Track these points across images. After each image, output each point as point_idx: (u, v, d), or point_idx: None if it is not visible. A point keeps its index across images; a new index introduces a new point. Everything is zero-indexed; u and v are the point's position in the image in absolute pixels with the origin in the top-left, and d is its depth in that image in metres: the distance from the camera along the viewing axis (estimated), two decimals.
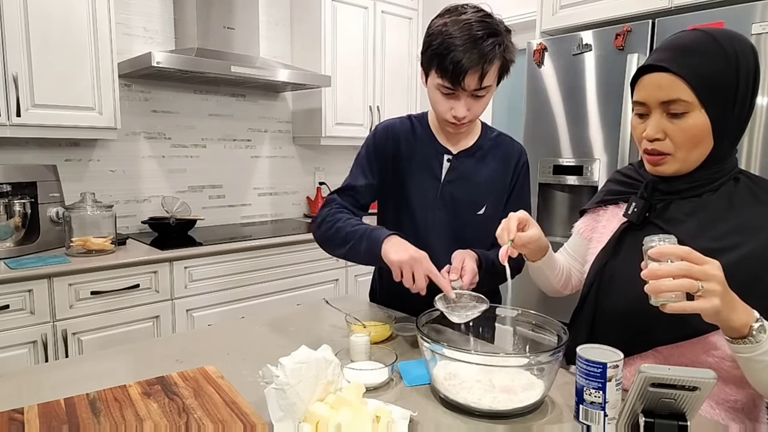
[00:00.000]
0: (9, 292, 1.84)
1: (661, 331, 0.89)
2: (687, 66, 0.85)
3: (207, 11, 2.52)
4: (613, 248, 1.00)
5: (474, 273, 1.14)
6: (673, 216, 0.93)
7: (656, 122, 0.89)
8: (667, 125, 0.88)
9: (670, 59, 0.86)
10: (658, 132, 0.89)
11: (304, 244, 2.61)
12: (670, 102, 0.86)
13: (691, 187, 0.93)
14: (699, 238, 0.88)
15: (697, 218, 0.91)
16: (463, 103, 1.18)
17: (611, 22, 2.14)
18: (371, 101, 3.22)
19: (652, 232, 0.94)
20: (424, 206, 1.32)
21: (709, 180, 0.92)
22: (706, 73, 0.84)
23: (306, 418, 0.79)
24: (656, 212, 0.95)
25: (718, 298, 0.72)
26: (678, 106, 0.86)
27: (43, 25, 2.03)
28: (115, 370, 1.05)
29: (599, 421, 0.80)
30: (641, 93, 0.91)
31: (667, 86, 0.86)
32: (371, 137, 1.35)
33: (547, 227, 2.35)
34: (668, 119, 0.88)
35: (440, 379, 0.91)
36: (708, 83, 0.84)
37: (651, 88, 0.88)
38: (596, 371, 0.79)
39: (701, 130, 0.87)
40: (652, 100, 0.89)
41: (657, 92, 0.87)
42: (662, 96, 0.87)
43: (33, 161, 2.32)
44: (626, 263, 0.96)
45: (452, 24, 1.13)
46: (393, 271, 1.08)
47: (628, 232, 0.99)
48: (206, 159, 2.90)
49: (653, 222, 0.95)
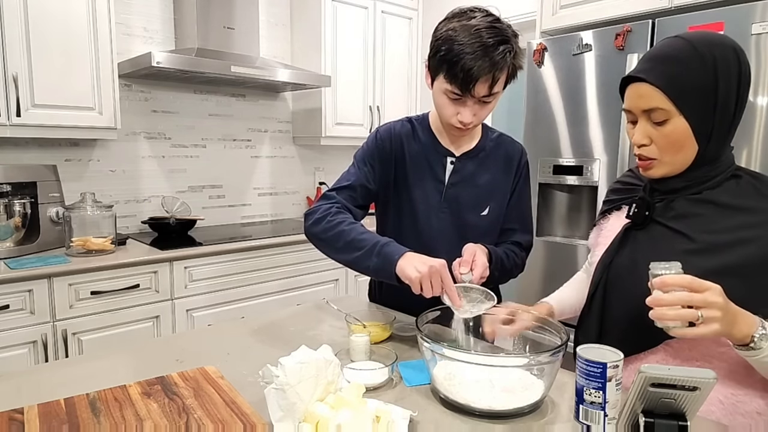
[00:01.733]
0: (9, 292, 1.84)
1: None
2: (662, 75, 0.88)
3: (207, 11, 2.53)
4: (617, 247, 1.01)
5: (485, 267, 1.14)
6: (677, 213, 0.95)
7: (642, 129, 0.93)
8: (652, 131, 0.92)
9: (647, 70, 0.90)
10: (644, 138, 0.93)
11: (304, 244, 2.61)
12: (651, 110, 0.90)
13: (686, 186, 0.95)
14: (706, 233, 0.90)
15: (702, 214, 0.93)
16: (470, 108, 1.18)
17: (611, 22, 2.14)
18: (371, 101, 3.22)
19: (655, 230, 0.96)
20: (428, 209, 1.31)
21: (704, 178, 0.94)
22: (682, 81, 0.87)
23: (306, 418, 0.79)
24: (658, 211, 0.97)
25: (717, 323, 0.77)
26: (658, 114, 0.90)
27: (43, 25, 2.03)
28: (115, 370, 1.05)
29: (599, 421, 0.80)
30: (627, 102, 0.95)
31: (647, 96, 0.90)
32: (373, 140, 1.34)
33: (547, 227, 2.35)
34: (652, 126, 0.92)
35: (440, 379, 0.91)
36: (683, 90, 0.87)
37: (633, 97, 0.93)
38: (596, 371, 0.79)
39: (681, 135, 0.90)
40: (635, 108, 0.93)
41: (638, 101, 0.92)
42: (643, 105, 0.91)
43: (33, 161, 2.32)
44: (631, 261, 0.97)
45: (461, 30, 1.11)
46: (413, 287, 1.05)
47: (631, 230, 1.00)
48: (206, 159, 2.90)
49: (656, 220, 0.97)
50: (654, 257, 0.84)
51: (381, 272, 1.11)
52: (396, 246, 1.11)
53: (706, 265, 0.86)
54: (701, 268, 0.83)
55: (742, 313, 0.80)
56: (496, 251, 1.26)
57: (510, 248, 1.33)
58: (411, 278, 1.04)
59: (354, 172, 1.32)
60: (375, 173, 1.32)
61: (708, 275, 0.80)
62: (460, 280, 1.11)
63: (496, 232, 1.36)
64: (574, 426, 0.84)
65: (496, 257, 1.24)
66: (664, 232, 0.95)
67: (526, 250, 1.38)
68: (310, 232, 1.26)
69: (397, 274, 1.07)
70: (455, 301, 1.04)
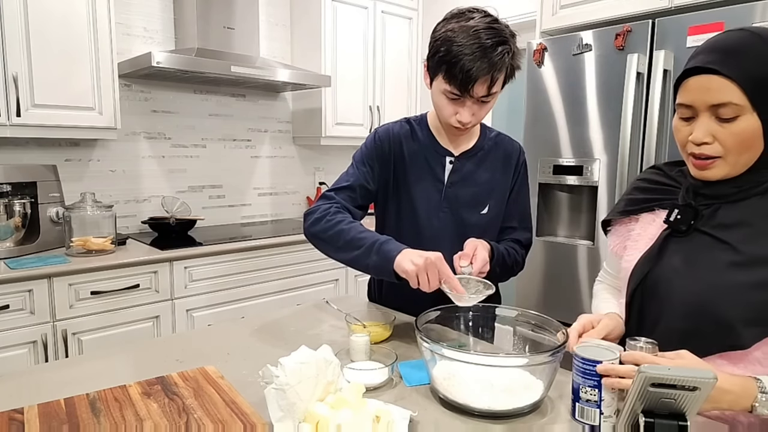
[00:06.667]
0: (9, 292, 1.84)
1: (705, 341, 0.85)
2: (737, 68, 0.81)
3: (207, 11, 2.53)
4: (655, 256, 0.95)
5: (484, 261, 1.15)
6: (722, 222, 0.89)
7: (704, 125, 0.85)
8: (716, 129, 0.84)
9: (719, 61, 0.82)
10: (706, 136, 0.85)
11: (304, 244, 2.60)
12: (720, 105, 0.83)
13: (735, 192, 0.89)
14: (752, 244, 0.85)
15: (749, 224, 0.87)
16: (469, 108, 1.18)
17: (611, 22, 2.14)
18: (371, 101, 3.22)
19: (698, 238, 0.90)
20: (428, 209, 1.32)
21: (755, 183, 0.88)
22: (758, 75, 0.81)
23: (306, 418, 0.79)
24: (703, 219, 0.91)
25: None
26: (728, 110, 0.82)
27: (43, 25, 2.03)
28: (115, 370, 1.05)
29: (595, 419, 0.80)
30: (688, 96, 0.86)
31: (717, 89, 0.82)
32: (372, 140, 1.34)
33: (548, 227, 2.35)
34: (717, 122, 0.84)
35: (440, 379, 0.91)
36: (760, 86, 0.81)
37: (698, 91, 0.85)
38: (592, 369, 0.80)
39: (752, 134, 0.83)
40: (699, 103, 0.85)
41: (705, 95, 0.84)
42: (711, 99, 0.83)
43: (33, 161, 2.32)
44: (672, 271, 0.91)
45: (460, 30, 1.12)
46: (410, 280, 1.06)
47: (672, 238, 0.94)
48: (206, 159, 2.90)
49: (701, 229, 0.91)
50: (697, 268, 0.82)
51: (380, 270, 1.11)
52: (395, 243, 1.12)
53: (749, 280, 0.82)
54: (745, 283, 0.81)
55: (730, 388, 0.75)
56: (498, 247, 1.27)
57: (510, 245, 1.34)
58: (407, 272, 1.05)
59: (353, 172, 1.33)
60: (374, 173, 1.32)
61: (751, 290, 0.77)
62: (459, 272, 1.12)
63: (495, 231, 1.37)
64: (574, 426, 0.84)
65: (497, 253, 1.25)
66: (708, 241, 0.89)
67: (525, 248, 1.39)
68: (309, 231, 1.26)
69: (395, 270, 1.07)
70: (456, 287, 1.05)
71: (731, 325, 0.82)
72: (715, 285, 0.85)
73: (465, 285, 1.09)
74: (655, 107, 1.91)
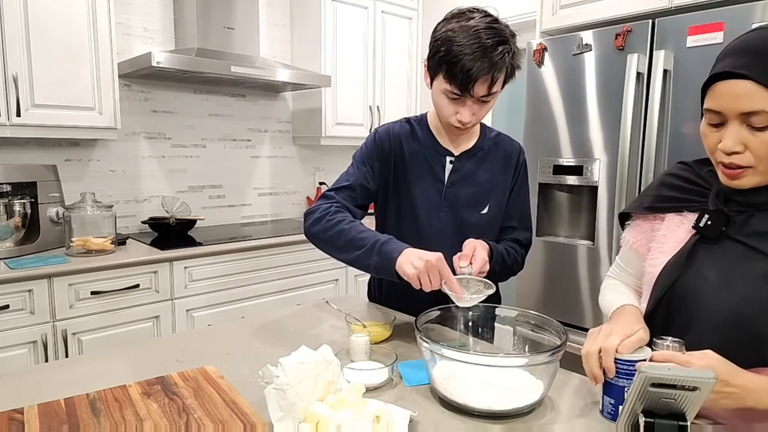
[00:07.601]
0: (9, 292, 1.84)
1: (739, 354, 0.80)
2: None
3: (207, 11, 2.53)
4: (684, 262, 0.90)
5: (484, 261, 1.15)
6: (757, 230, 0.84)
7: (735, 134, 0.80)
8: (748, 137, 0.79)
9: (750, 65, 0.77)
10: (737, 145, 0.80)
11: (304, 244, 2.61)
12: (751, 114, 0.78)
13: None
14: None
15: None
16: (469, 108, 1.19)
17: (611, 22, 2.14)
18: (371, 101, 3.22)
19: (730, 246, 0.86)
20: (428, 208, 1.32)
21: None
22: None
23: (306, 418, 0.79)
24: (735, 227, 0.86)
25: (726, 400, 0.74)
26: (760, 119, 0.77)
27: (43, 25, 2.03)
28: (115, 370, 1.05)
29: None
30: (717, 101, 0.81)
31: (748, 96, 0.77)
32: (371, 140, 1.34)
33: (548, 227, 2.35)
34: (748, 130, 0.79)
35: (439, 379, 0.91)
36: None
37: (729, 97, 0.79)
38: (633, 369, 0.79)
39: None
40: (729, 110, 0.80)
41: (735, 102, 0.79)
42: (742, 107, 0.78)
43: (33, 161, 2.32)
44: (703, 279, 0.87)
45: (460, 30, 1.12)
46: (412, 283, 1.06)
47: (701, 245, 0.89)
48: (206, 159, 2.90)
49: (733, 237, 0.86)
50: (731, 278, 0.80)
51: (382, 270, 1.12)
52: (395, 243, 1.12)
53: None
54: None
55: (754, 383, 0.73)
56: (497, 247, 1.27)
57: (510, 245, 1.34)
58: (409, 275, 1.06)
59: (353, 172, 1.33)
60: (374, 173, 1.32)
61: None
62: (459, 273, 1.12)
63: (495, 230, 1.37)
64: (574, 426, 0.84)
65: (496, 253, 1.25)
66: (741, 250, 0.85)
67: (525, 248, 1.39)
68: (309, 231, 1.26)
69: (397, 271, 1.08)
70: (455, 289, 1.05)
71: (766, 340, 0.79)
72: (752, 297, 0.81)
73: (465, 285, 1.09)
74: (655, 107, 1.91)
